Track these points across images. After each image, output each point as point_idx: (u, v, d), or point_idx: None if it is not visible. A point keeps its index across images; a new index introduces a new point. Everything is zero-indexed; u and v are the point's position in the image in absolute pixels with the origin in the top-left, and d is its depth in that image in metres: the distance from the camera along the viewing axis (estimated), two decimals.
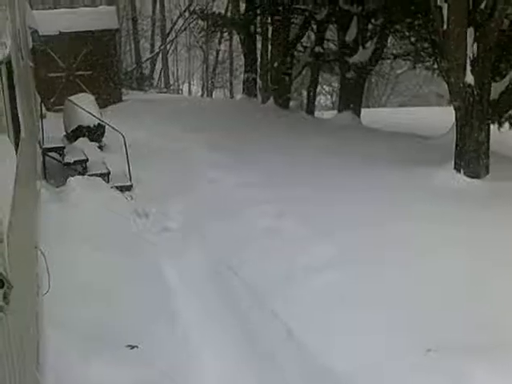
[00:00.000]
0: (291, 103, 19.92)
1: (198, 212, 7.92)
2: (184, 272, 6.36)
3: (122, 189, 9.15)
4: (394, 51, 18.37)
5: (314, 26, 18.35)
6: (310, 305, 5.03)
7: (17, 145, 5.96)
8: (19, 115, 6.66)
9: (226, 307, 5.53)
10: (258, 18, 19.84)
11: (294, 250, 6.12)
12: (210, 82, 34.11)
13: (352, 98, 16.23)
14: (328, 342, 4.48)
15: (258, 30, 20.16)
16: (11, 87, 6.44)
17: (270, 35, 19.21)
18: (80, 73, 17.77)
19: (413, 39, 16.37)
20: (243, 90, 21.08)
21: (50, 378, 3.87)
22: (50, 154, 10.31)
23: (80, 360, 4.16)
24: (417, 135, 13.54)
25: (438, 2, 8.47)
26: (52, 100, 16.38)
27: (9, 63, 6.32)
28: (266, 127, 13.50)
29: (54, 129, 11.45)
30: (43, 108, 12.59)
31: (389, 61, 22.53)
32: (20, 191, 5.19)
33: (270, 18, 18.74)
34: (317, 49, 17.63)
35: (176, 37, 31.29)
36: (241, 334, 5.08)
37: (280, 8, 17.30)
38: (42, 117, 11.71)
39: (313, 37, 19.68)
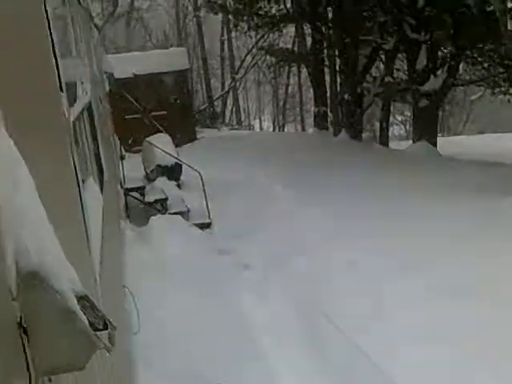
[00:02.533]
0: (364, 135, 19.79)
1: (278, 248, 7.90)
2: (268, 309, 6.33)
3: (201, 226, 9.29)
4: (467, 77, 18.03)
5: (383, 56, 18.28)
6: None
7: (101, 186, 6.19)
8: (101, 157, 6.92)
9: (313, 346, 5.46)
10: (325, 50, 19.98)
11: (377, 284, 5.99)
12: (280, 116, 34.46)
13: (426, 127, 15.92)
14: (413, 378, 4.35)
15: (326, 62, 20.27)
16: (93, 131, 6.72)
17: (337, 67, 19.26)
18: (155, 113, 18.30)
19: (485, 64, 16.05)
20: (314, 123, 21.16)
21: None
22: (131, 193, 10.61)
23: None
24: (497, 163, 13.11)
25: (509, 26, 8.26)
26: (130, 141, 16.92)
27: (89, 108, 6.61)
28: (339, 161, 13.40)
29: (133, 169, 11.82)
30: (122, 149, 13.04)
31: (462, 87, 22.12)
32: (107, 232, 5.35)
33: (337, 51, 18.82)
34: (386, 79, 17.49)
35: (245, 74, 31.86)
36: (330, 369, 4.99)
37: (347, 40, 17.34)
38: (122, 158, 12.12)
39: (382, 67, 19.60)
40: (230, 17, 22.51)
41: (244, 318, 6.04)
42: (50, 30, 3.23)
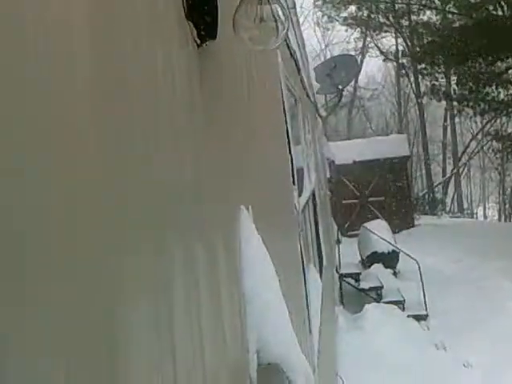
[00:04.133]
0: None
1: (503, 349, 7.27)
2: None
3: (417, 318, 8.96)
4: None
5: None
6: None
7: (321, 272, 6.33)
8: (321, 243, 7.11)
9: None
10: None
11: None
12: (507, 205, 32.33)
13: None
14: None
15: None
16: (315, 218, 6.96)
17: None
18: (372, 199, 18.38)
19: None
20: None
21: None
22: (346, 279, 10.65)
23: None
24: None
25: None
26: (346, 225, 17.12)
27: (313, 196, 6.89)
28: None
29: (349, 254, 11.89)
30: (339, 233, 13.24)
31: None
32: (324, 318, 5.42)
33: None
34: None
35: (469, 160, 30.76)
36: None
37: None
38: (338, 242, 12.29)
39: None
40: (455, 103, 22.14)
41: None
42: (287, 127, 3.52)
